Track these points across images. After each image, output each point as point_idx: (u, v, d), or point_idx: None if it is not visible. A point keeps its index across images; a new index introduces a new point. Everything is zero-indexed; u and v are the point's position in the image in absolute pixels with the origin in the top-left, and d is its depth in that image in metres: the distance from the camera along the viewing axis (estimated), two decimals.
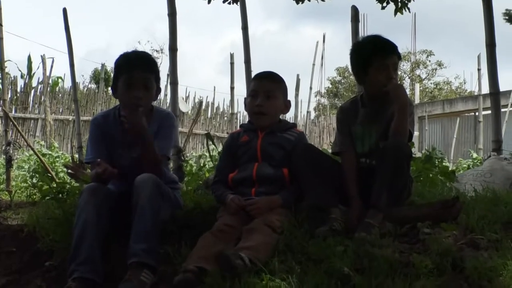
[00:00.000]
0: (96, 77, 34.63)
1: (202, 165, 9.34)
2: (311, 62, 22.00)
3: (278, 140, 4.55)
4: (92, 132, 4.68)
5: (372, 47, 4.60)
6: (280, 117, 4.77)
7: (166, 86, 22.07)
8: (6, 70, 13.20)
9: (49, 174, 8.65)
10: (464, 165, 14.17)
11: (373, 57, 4.53)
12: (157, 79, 4.63)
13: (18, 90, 19.91)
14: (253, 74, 5.28)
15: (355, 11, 7.08)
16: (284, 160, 4.48)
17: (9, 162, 9.83)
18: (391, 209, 4.16)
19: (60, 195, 5.53)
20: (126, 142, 4.60)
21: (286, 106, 4.72)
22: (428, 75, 47.09)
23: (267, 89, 4.59)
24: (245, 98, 4.81)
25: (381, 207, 4.09)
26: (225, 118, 25.96)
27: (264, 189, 4.37)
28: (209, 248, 3.82)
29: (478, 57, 18.13)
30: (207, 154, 8.92)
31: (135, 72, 4.51)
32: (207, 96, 33.01)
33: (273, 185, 4.40)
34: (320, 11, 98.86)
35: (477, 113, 21.64)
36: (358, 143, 4.58)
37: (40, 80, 20.71)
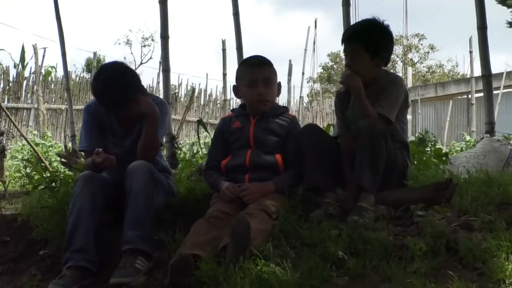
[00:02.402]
0: (88, 66, 34.53)
1: (195, 152, 9.34)
2: (303, 47, 21.94)
3: (271, 126, 4.54)
4: (86, 119, 4.66)
5: (343, 33, 4.76)
6: None
7: (158, 74, 22.06)
8: None
9: (42, 164, 8.63)
10: (457, 148, 14.19)
11: (343, 43, 4.71)
12: (137, 90, 4.49)
13: (11, 80, 19.88)
14: None
15: None
16: (277, 146, 4.48)
17: (2, 152, 9.80)
18: (384, 192, 4.18)
19: (54, 184, 5.51)
20: (119, 131, 4.60)
21: (279, 88, 4.72)
22: (420, 58, 47.17)
23: (266, 76, 4.58)
24: (234, 86, 4.77)
25: (366, 187, 4.10)
26: (218, 104, 25.89)
27: (258, 175, 4.37)
28: (203, 234, 3.81)
29: (470, 39, 18.14)
30: (199, 141, 8.92)
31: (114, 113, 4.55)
32: (199, 83, 33.01)
33: (267, 171, 4.40)
34: None
35: (469, 96, 21.67)
36: (352, 126, 4.58)
37: (33, 70, 20.66)
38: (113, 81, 4.36)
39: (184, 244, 3.75)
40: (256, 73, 4.57)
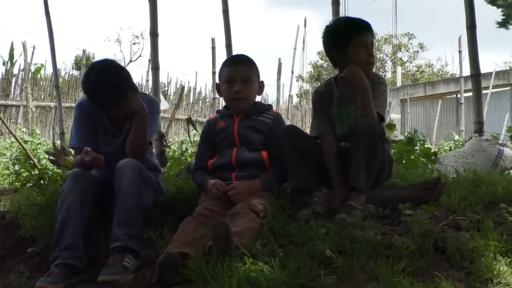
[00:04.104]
0: (77, 63, 34.46)
1: (184, 150, 9.34)
2: (293, 46, 21.97)
3: (254, 123, 4.56)
4: (78, 117, 4.64)
5: (349, 26, 4.63)
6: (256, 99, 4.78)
7: (147, 72, 22.04)
8: None
9: (31, 161, 8.61)
10: (446, 147, 14.20)
11: (351, 35, 4.50)
12: (129, 88, 4.46)
13: (0, 77, 19.84)
14: None
15: None
16: (262, 143, 4.50)
17: None
18: (373, 191, 4.18)
19: (42, 181, 5.50)
20: (110, 129, 4.60)
21: (261, 87, 4.71)
22: (409, 58, 47.09)
23: (243, 75, 4.59)
24: (217, 84, 4.81)
25: (361, 188, 4.10)
26: (207, 103, 25.90)
27: (245, 173, 4.38)
28: (191, 232, 3.81)
29: (459, 39, 18.15)
30: (189, 139, 8.93)
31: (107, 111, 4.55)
32: (189, 81, 32.89)
33: (254, 168, 4.41)
34: None
35: (458, 95, 21.72)
36: (337, 125, 4.55)
37: (22, 67, 20.64)
38: (105, 79, 4.33)
39: (172, 242, 3.74)
40: (234, 71, 4.60)
